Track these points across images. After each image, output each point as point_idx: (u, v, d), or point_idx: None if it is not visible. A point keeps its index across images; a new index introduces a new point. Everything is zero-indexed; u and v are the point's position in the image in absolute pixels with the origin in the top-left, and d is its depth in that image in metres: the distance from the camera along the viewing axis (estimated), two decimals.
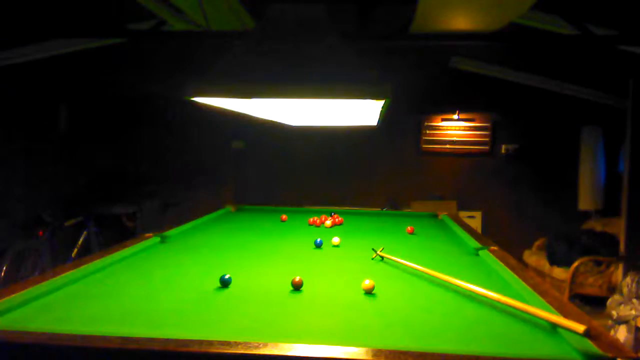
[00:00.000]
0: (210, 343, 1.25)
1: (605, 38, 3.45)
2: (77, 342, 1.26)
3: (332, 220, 3.36)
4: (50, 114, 5.76)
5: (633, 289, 3.65)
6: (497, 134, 6.20)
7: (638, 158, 4.70)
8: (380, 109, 2.18)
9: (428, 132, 6.28)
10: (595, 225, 5.46)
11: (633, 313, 3.51)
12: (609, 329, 3.59)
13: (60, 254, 4.88)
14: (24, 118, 5.29)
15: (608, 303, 3.84)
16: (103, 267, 2.07)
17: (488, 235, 3.14)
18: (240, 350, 1.21)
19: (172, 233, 2.84)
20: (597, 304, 4.72)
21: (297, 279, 1.81)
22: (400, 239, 2.91)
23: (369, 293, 1.77)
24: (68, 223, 4.95)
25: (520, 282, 1.87)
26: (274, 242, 2.81)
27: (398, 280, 2.00)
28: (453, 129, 6.24)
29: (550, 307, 1.54)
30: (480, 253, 2.48)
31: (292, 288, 1.80)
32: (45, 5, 3.61)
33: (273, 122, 3.48)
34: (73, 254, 4.91)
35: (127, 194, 5.87)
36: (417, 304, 1.70)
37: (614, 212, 5.43)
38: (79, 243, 5.00)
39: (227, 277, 1.84)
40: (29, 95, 5.36)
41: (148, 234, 2.69)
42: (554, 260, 5.14)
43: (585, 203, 5.77)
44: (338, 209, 4.01)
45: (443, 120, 6.25)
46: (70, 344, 1.26)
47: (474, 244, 2.65)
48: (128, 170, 6.35)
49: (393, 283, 1.95)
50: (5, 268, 4.15)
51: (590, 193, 5.73)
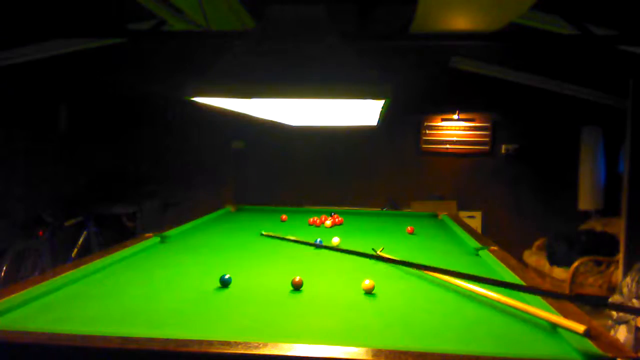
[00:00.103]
0: (210, 343, 1.25)
1: (605, 38, 3.45)
2: (77, 342, 1.26)
3: (332, 220, 3.36)
4: (50, 114, 5.76)
5: (633, 289, 3.64)
6: (497, 134, 6.20)
7: (638, 158, 4.69)
8: (380, 109, 2.18)
9: (428, 132, 6.28)
10: (595, 225, 5.46)
11: None
12: (609, 329, 3.59)
13: (60, 254, 4.87)
14: (24, 118, 5.29)
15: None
16: (103, 267, 2.07)
17: (488, 235, 3.14)
18: (240, 350, 1.21)
19: (172, 233, 2.84)
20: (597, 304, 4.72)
21: (297, 279, 1.81)
22: (400, 239, 2.91)
23: (369, 293, 1.77)
24: (68, 223, 4.94)
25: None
26: (274, 242, 2.81)
27: (398, 280, 2.00)
28: (453, 129, 6.24)
29: (550, 307, 1.54)
30: (480, 253, 2.48)
31: (292, 288, 1.80)
32: (45, 5, 3.61)
33: (273, 122, 3.48)
34: (73, 254, 4.91)
35: (127, 194, 5.87)
36: (417, 304, 1.70)
37: (614, 212, 5.43)
38: (79, 243, 5.00)
39: (227, 277, 1.84)
40: (29, 95, 5.36)
41: (148, 234, 2.69)
42: (554, 260, 5.14)
43: (585, 203, 5.77)
44: (338, 209, 4.01)
45: (443, 120, 6.25)
46: (70, 344, 1.26)
47: (474, 244, 2.65)
48: (128, 170, 6.35)
49: (393, 283, 1.95)
50: (5, 268, 4.15)
51: (590, 193, 5.73)
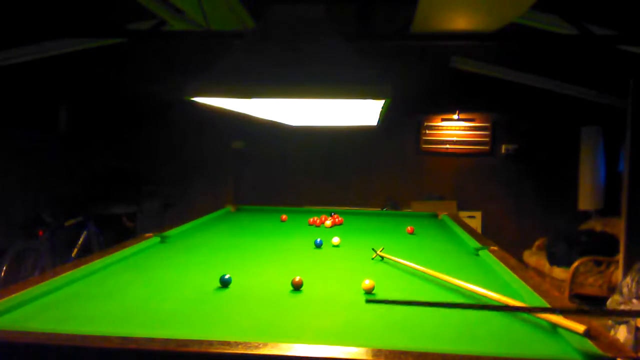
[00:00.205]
0: (210, 343, 1.25)
1: (605, 38, 3.45)
2: (76, 342, 1.26)
3: (332, 220, 3.37)
4: (51, 114, 5.76)
5: (633, 289, 3.64)
6: (497, 134, 6.20)
7: (638, 158, 4.69)
8: (381, 109, 2.18)
9: (428, 132, 6.28)
10: (595, 225, 5.46)
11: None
12: (609, 329, 3.59)
13: (60, 254, 4.87)
14: (24, 118, 5.29)
15: (608, 303, 3.84)
16: (103, 267, 2.07)
17: (488, 235, 3.13)
18: (240, 350, 1.21)
19: (172, 233, 2.84)
20: (597, 304, 4.72)
21: (297, 279, 1.81)
22: (400, 239, 2.91)
23: (369, 293, 1.77)
24: (68, 223, 4.94)
25: (520, 282, 1.87)
26: (274, 242, 2.81)
27: (398, 280, 2.00)
28: (453, 129, 6.24)
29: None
30: (480, 253, 2.48)
31: (292, 288, 1.80)
32: (45, 5, 3.61)
33: (273, 122, 3.48)
34: (73, 254, 4.91)
35: (127, 194, 5.87)
36: None
37: (614, 212, 5.43)
38: (79, 243, 4.99)
39: (227, 277, 1.84)
40: (29, 95, 5.35)
41: (148, 234, 2.69)
42: (554, 260, 5.14)
43: (585, 203, 5.77)
44: (338, 209, 4.01)
45: (443, 120, 6.25)
46: (70, 344, 1.26)
47: (474, 244, 2.65)
48: (128, 170, 6.35)
49: (393, 283, 1.95)
50: (5, 268, 4.15)
51: (590, 193, 5.73)
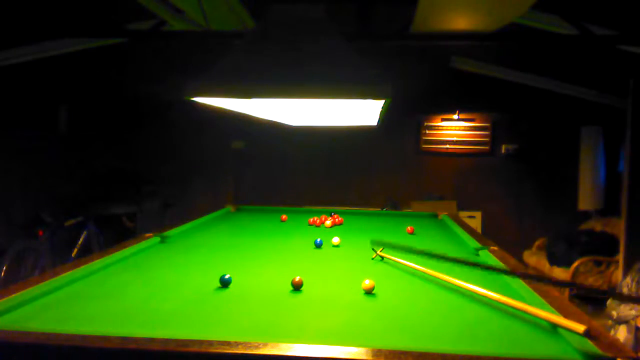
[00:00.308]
0: (210, 343, 1.25)
1: (605, 38, 3.45)
2: (76, 342, 1.26)
3: (332, 220, 3.36)
4: (51, 114, 5.76)
5: (633, 289, 3.64)
6: (497, 134, 6.20)
7: (638, 158, 4.69)
8: (381, 109, 2.18)
9: (428, 132, 6.28)
10: (595, 225, 5.46)
11: (633, 313, 3.50)
12: (609, 329, 3.59)
13: (60, 254, 4.87)
14: (24, 118, 5.29)
15: (608, 303, 3.84)
16: (103, 267, 2.07)
17: (488, 235, 3.13)
18: (240, 350, 1.21)
19: (172, 233, 2.84)
20: (597, 304, 4.72)
21: (297, 279, 1.81)
22: (400, 239, 2.91)
23: (369, 293, 1.77)
24: (68, 223, 4.94)
25: (521, 282, 1.87)
26: (274, 242, 2.81)
27: (398, 280, 2.00)
28: (453, 129, 6.24)
29: (550, 307, 1.54)
30: (480, 253, 2.48)
31: (292, 288, 1.80)
32: (45, 5, 3.61)
33: (273, 122, 3.48)
34: (73, 254, 4.91)
35: (127, 194, 5.87)
36: (417, 304, 1.70)
37: (614, 212, 5.43)
38: (79, 243, 4.99)
39: (227, 277, 1.84)
40: (29, 95, 5.35)
41: (148, 234, 2.69)
42: (554, 261, 5.14)
43: (585, 203, 5.77)
44: (338, 209, 4.01)
45: (443, 120, 6.25)
46: (70, 344, 1.26)
47: (474, 244, 2.65)
48: (128, 170, 6.35)
49: (393, 283, 1.95)
50: (5, 268, 4.15)
51: (590, 193, 5.73)
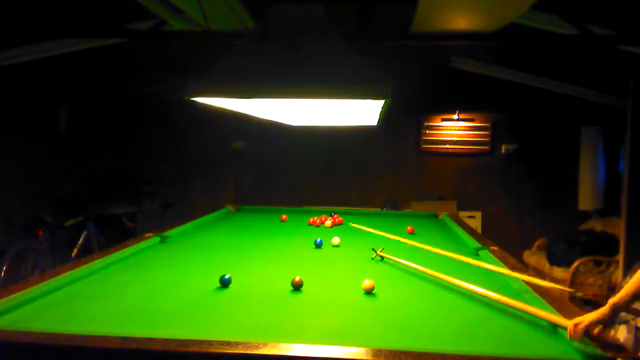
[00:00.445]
0: (210, 343, 1.25)
1: (605, 38, 3.45)
2: (76, 342, 1.26)
3: (332, 220, 3.37)
4: (50, 114, 5.76)
5: None
6: (497, 134, 6.19)
7: (638, 158, 4.69)
8: (381, 109, 2.18)
9: (428, 132, 6.27)
10: (595, 225, 5.45)
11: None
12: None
13: (60, 254, 4.87)
14: (24, 118, 5.29)
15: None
16: (103, 267, 2.07)
17: (488, 235, 3.13)
18: (240, 350, 1.21)
19: (172, 233, 2.84)
20: (597, 305, 4.72)
21: (297, 279, 1.81)
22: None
23: (369, 293, 1.77)
24: (68, 223, 4.94)
25: (521, 282, 1.87)
26: (274, 242, 2.81)
27: (398, 280, 2.00)
28: (453, 129, 6.23)
29: (550, 307, 1.54)
30: (480, 253, 2.48)
31: (292, 288, 1.80)
32: (45, 5, 3.61)
33: (273, 122, 3.48)
34: (73, 254, 4.91)
35: (127, 194, 5.86)
36: (417, 304, 1.70)
37: (614, 212, 5.42)
38: (79, 243, 4.99)
39: (227, 277, 1.84)
40: (29, 95, 5.35)
41: (148, 234, 2.69)
42: (554, 261, 5.14)
43: (585, 203, 5.77)
44: (338, 209, 4.01)
45: (443, 120, 6.25)
46: (70, 344, 1.26)
47: (474, 244, 2.65)
48: (128, 170, 6.35)
49: (393, 283, 1.95)
50: (5, 268, 4.15)
51: (590, 193, 5.72)
